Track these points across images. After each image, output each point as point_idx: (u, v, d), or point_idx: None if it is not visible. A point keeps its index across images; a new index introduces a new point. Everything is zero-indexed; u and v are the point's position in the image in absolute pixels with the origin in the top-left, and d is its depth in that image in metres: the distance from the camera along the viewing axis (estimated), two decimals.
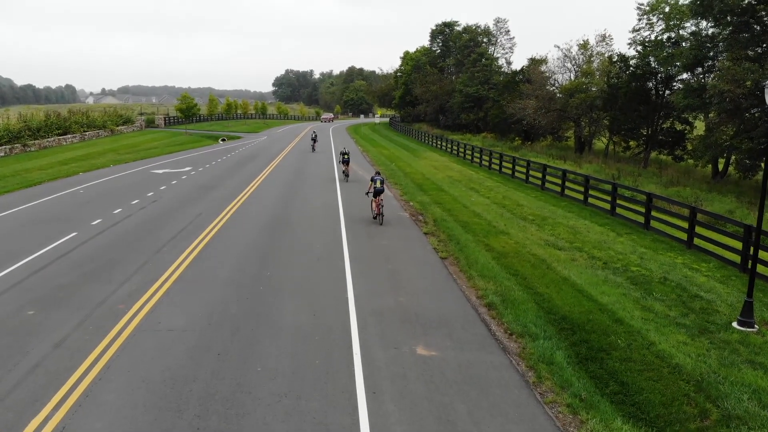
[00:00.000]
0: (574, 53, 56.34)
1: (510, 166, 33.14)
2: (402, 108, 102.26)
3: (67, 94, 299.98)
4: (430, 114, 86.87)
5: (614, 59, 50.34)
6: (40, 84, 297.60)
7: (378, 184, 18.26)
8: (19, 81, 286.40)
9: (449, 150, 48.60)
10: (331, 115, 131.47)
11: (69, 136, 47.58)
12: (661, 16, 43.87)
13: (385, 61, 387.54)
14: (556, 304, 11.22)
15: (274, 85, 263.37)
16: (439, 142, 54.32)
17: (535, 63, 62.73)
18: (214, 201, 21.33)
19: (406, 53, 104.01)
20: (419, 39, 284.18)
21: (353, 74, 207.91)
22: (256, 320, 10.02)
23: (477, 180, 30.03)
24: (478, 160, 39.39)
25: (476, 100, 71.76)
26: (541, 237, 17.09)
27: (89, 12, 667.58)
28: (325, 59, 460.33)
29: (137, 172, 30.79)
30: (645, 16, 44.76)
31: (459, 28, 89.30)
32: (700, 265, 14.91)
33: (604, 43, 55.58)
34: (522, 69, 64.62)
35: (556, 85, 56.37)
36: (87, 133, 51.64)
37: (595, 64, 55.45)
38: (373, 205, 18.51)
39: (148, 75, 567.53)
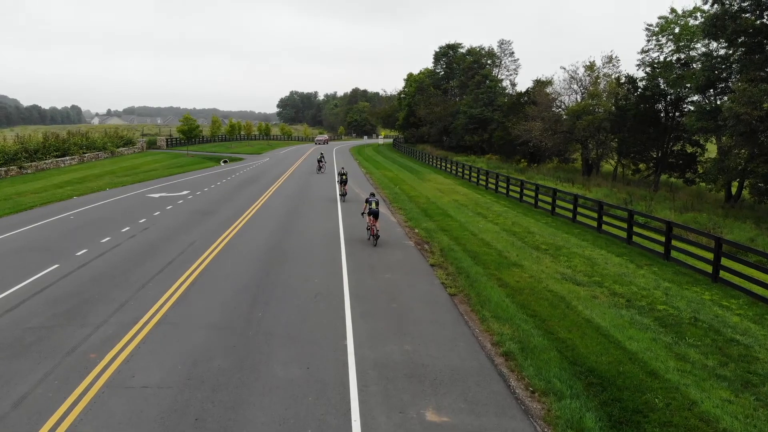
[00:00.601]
0: (580, 75, 55.64)
1: (518, 189, 32.04)
2: (406, 129, 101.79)
3: (72, 114, 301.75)
4: (434, 135, 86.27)
5: (622, 81, 49.58)
6: (46, 105, 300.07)
7: (373, 206, 18.25)
8: (26, 102, 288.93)
9: (454, 172, 47.63)
10: (325, 136, 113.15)
11: (67, 157, 46.83)
12: (671, 37, 43.13)
13: (389, 82, 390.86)
14: (580, 353, 10.01)
15: (278, 106, 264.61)
16: (443, 164, 53.38)
17: (541, 85, 62.08)
18: (209, 228, 20.25)
19: (410, 75, 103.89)
20: (423, 61, 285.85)
21: (357, 96, 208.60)
22: (241, 374, 8.83)
23: (484, 204, 28.93)
24: (484, 183, 38.35)
25: (480, 122, 71.07)
26: (557, 269, 15.91)
27: (95, 34, 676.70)
28: (330, 81, 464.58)
29: (132, 196, 29.80)
30: (654, 38, 44.04)
31: (463, 50, 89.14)
32: (730, 301, 13.72)
33: (611, 65, 54.86)
34: (527, 90, 63.98)
35: (563, 106, 55.56)
36: (86, 154, 50.92)
37: (601, 86, 54.69)
38: (369, 223, 18.59)
39: (153, 96, 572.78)
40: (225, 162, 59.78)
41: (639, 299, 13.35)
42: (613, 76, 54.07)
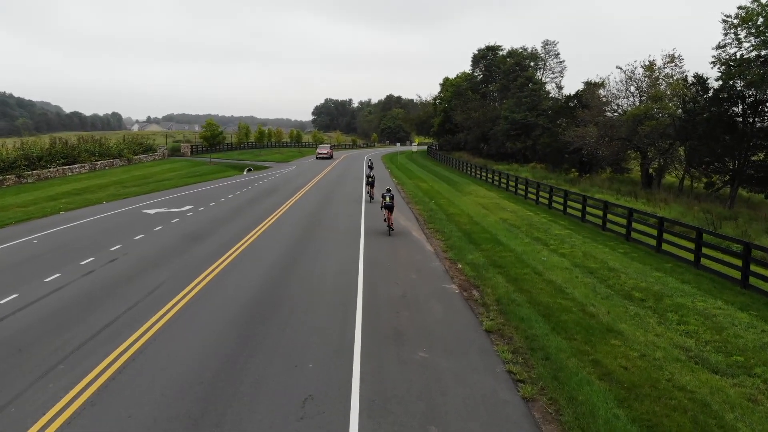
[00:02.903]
0: (638, 75, 49.72)
1: (578, 207, 26.79)
2: (441, 136, 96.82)
3: (113, 121, 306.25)
4: (471, 142, 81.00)
5: (690, 81, 43.57)
6: (88, 111, 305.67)
7: (387, 200, 20.48)
8: (68, 108, 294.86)
9: (497, 183, 42.40)
10: (328, 146, 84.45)
11: (77, 165, 43.49)
12: (752, 30, 37.08)
13: (424, 88, 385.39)
14: None
15: (313, 113, 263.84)
16: (483, 174, 48.13)
17: (593, 87, 56.33)
18: (190, 262, 15.74)
19: (446, 79, 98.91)
20: (458, 67, 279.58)
21: (391, 102, 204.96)
22: None
23: (540, 225, 23.76)
24: (534, 197, 33.09)
25: (523, 127, 65.53)
26: (672, 339, 10.77)
27: (135, 42, 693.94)
28: (364, 88, 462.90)
29: (126, 212, 25.67)
30: (732, 31, 38.03)
31: (503, 53, 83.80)
32: None
33: (673, 65, 48.84)
34: (577, 93, 58.23)
35: (620, 110, 49.71)
36: (100, 162, 47.61)
37: (662, 87, 48.68)
38: (385, 216, 20.68)
39: (193, 104, 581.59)
40: (249, 170, 55.97)
41: None
42: (674, 77, 48.11)
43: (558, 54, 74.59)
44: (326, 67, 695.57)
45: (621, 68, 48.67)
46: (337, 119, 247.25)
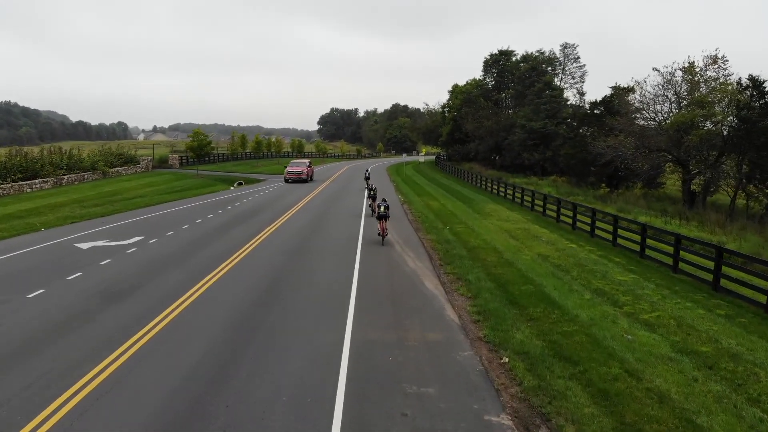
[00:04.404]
0: (678, 78, 43.83)
1: (634, 237, 20.99)
2: (449, 146, 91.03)
3: (119, 131, 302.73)
4: (482, 152, 75.16)
5: (744, 84, 37.69)
6: (95, 121, 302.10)
7: (382, 210, 20.37)
8: (74, 118, 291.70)
9: (517, 200, 36.51)
10: (305, 163, 55.71)
11: (38, 180, 37.96)
12: None
13: (431, 96, 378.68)
14: None
15: (319, 123, 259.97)
16: (501, 189, 42.19)
17: (622, 92, 50.51)
18: (83, 344, 10.01)
19: (455, 86, 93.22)
20: (467, 75, 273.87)
21: (397, 111, 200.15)
22: None
23: (592, 265, 17.87)
24: (568, 220, 27.26)
25: (542, 137, 59.74)
26: None
27: (143, 52, 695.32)
28: (370, 97, 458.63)
29: (51, 247, 19.89)
30: None
31: (517, 57, 78.24)
32: None
33: (716, 66, 42.90)
34: (604, 99, 52.37)
35: (657, 118, 43.79)
36: (69, 176, 42.09)
37: (702, 90, 42.80)
38: (378, 226, 20.64)
39: (200, 113, 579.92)
40: (240, 184, 50.51)
41: None
42: (719, 79, 42.21)
43: (578, 58, 68.92)
44: (333, 77, 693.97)
45: (658, 70, 42.95)
46: (343, 129, 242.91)
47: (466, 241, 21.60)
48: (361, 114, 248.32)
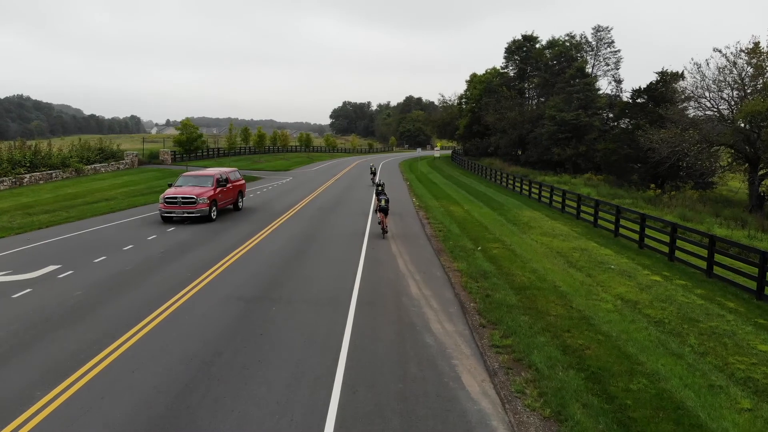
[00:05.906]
0: (741, 63, 37.03)
1: (746, 268, 14.77)
2: (467, 139, 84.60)
3: (131, 124, 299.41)
4: (504, 147, 68.51)
5: None
6: (108, 115, 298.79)
7: (383, 203, 20.12)
8: (88, 112, 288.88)
9: (555, 204, 30.18)
10: (212, 178, 24.26)
11: None
12: None
13: (447, 88, 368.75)
14: None
15: (331, 116, 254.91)
16: (532, 190, 35.82)
17: (670, 78, 43.76)
18: None
19: (474, 75, 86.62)
20: (483, 65, 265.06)
21: (411, 104, 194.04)
22: None
23: (706, 319, 11.62)
24: (631, 234, 21.04)
25: (575, 129, 53.06)
26: None
27: (157, 46, 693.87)
28: (383, 90, 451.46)
29: None
30: None
31: (542, 43, 71.48)
32: None
33: None
34: (649, 86, 45.60)
35: (719, 107, 37.03)
36: (32, 174, 36.45)
37: None
38: (380, 218, 20.26)
39: (213, 107, 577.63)
40: None
41: None
42: None
43: (612, 42, 61.79)
44: (345, 70, 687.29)
45: (720, 51, 36.17)
46: (355, 122, 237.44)
47: (511, 274, 15.38)
48: (374, 107, 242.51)
